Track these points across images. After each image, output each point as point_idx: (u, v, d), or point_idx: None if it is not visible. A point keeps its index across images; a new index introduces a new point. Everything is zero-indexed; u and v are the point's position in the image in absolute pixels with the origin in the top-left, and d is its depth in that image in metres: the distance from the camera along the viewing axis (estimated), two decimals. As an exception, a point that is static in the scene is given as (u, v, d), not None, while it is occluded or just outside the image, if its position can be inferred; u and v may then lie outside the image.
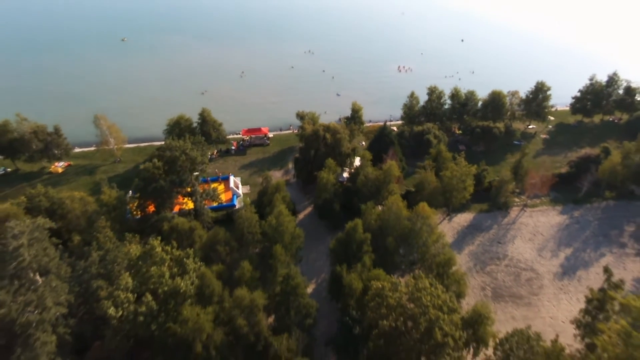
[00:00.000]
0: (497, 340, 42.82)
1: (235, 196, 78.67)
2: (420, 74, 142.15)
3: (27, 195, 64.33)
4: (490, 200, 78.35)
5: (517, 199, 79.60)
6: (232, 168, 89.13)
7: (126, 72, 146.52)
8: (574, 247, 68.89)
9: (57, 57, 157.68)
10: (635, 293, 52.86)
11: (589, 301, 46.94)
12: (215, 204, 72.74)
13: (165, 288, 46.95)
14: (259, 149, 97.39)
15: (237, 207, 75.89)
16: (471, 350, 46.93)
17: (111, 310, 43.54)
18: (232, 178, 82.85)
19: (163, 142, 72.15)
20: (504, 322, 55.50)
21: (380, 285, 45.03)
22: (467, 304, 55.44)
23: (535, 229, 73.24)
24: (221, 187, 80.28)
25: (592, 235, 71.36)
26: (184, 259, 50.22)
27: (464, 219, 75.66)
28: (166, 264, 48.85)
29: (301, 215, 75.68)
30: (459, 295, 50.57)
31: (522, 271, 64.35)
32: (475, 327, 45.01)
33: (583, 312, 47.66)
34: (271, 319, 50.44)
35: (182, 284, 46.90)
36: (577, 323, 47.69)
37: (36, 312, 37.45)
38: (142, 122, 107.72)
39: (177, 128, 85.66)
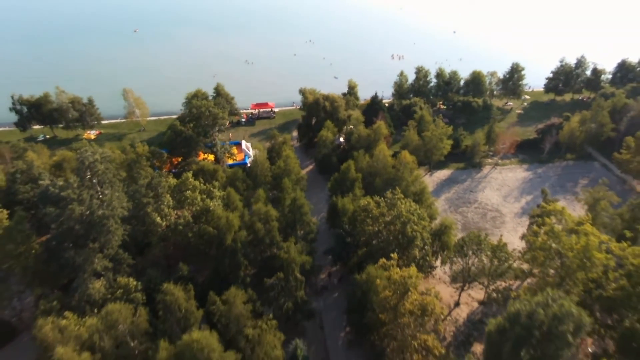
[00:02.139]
0: (455, 240, 55.39)
1: (247, 156, 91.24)
2: (412, 61, 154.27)
3: (74, 148, 77.12)
4: (467, 160, 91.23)
5: (489, 160, 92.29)
6: (243, 135, 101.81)
7: (141, 59, 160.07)
8: (534, 194, 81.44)
9: (80, 44, 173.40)
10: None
11: (532, 217, 59.65)
12: (231, 162, 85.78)
13: (198, 207, 59.80)
14: (265, 120, 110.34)
15: (248, 164, 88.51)
16: (439, 258, 59.67)
17: (158, 219, 56.47)
18: (243, 142, 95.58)
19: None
20: (469, 246, 68.01)
21: (366, 202, 57.69)
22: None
23: (503, 181, 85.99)
24: (234, 149, 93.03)
25: (550, 186, 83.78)
26: (211, 189, 63.07)
27: (443, 174, 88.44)
28: (197, 191, 61.62)
29: (303, 172, 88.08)
30: (431, 217, 62.99)
31: (488, 212, 77.12)
32: (441, 236, 57.60)
33: (528, 227, 60.35)
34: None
35: (211, 203, 59.73)
36: (524, 237, 60.28)
37: (108, 209, 49.97)
38: (161, 99, 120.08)
39: (195, 100, 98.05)
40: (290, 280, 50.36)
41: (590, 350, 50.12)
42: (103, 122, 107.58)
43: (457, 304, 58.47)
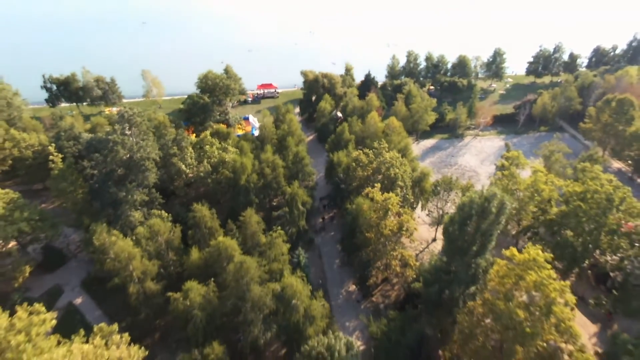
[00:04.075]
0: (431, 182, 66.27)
1: (253, 128, 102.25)
2: (405, 49, 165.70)
3: (104, 117, 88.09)
4: (450, 131, 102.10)
5: (471, 131, 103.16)
6: (250, 112, 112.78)
7: (151, 48, 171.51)
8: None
9: (101, 33, 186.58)
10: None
11: (497, 166, 70.40)
12: (240, 132, 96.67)
13: (215, 159, 70.70)
14: (270, 100, 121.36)
15: (255, 135, 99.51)
16: (420, 203, 70.53)
17: (182, 167, 67.42)
18: (251, 117, 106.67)
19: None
20: (448, 198, 78.72)
21: (357, 153, 68.54)
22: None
23: (481, 149, 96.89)
24: (243, 123, 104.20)
25: (523, 153, 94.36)
26: (226, 146, 74.01)
27: (428, 143, 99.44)
28: (214, 146, 72.58)
29: (305, 139, 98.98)
30: (413, 169, 73.70)
31: (466, 172, 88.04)
32: (420, 182, 68.41)
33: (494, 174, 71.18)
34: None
35: (226, 156, 70.63)
36: (491, 184, 71.01)
37: (145, 153, 60.93)
38: (173, 82, 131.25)
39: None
40: (294, 212, 61.35)
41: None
42: (123, 100, 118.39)
43: (434, 240, 69.41)
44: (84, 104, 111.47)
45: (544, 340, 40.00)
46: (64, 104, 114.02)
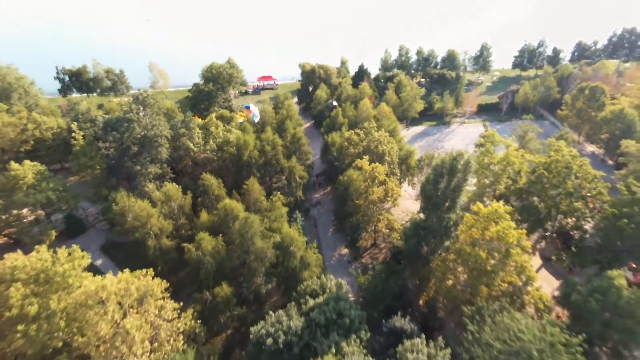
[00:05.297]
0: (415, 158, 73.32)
1: (254, 116, 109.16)
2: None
3: (116, 103, 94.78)
4: (438, 119, 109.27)
5: (457, 119, 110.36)
6: (251, 102, 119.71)
7: (156, 44, 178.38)
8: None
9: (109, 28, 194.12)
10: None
11: (475, 145, 77.53)
12: (242, 120, 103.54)
13: (220, 140, 77.57)
14: (269, 91, 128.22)
15: (256, 122, 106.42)
16: (406, 180, 77.59)
17: (191, 145, 74.28)
18: (251, 105, 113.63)
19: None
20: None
21: (349, 133, 75.51)
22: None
23: (467, 135, 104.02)
24: (245, 111, 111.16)
25: (505, 137, 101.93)
26: (229, 128, 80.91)
27: (417, 129, 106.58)
28: (219, 128, 79.46)
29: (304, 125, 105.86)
30: (400, 150, 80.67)
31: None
32: (406, 160, 75.46)
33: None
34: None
35: (230, 136, 77.52)
36: (471, 163, 78.08)
37: (157, 131, 67.76)
38: (178, 75, 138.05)
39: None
40: (292, 184, 68.29)
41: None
42: (131, 91, 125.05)
43: (419, 212, 76.34)
44: (94, 94, 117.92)
45: (505, 280, 47.01)
46: (75, 94, 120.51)
